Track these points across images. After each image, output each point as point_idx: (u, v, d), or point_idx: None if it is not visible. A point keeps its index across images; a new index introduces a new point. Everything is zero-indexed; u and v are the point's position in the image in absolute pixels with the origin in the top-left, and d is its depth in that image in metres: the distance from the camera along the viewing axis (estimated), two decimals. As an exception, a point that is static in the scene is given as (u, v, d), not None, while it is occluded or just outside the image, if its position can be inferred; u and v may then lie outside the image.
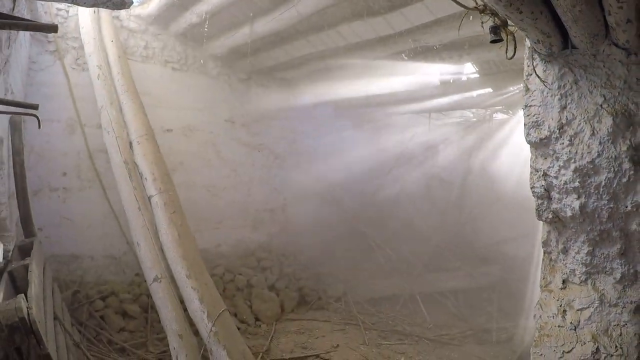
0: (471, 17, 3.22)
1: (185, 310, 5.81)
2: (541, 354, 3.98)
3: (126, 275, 7.47)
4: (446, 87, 8.79)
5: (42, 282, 5.04)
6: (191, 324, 5.73)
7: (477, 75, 8.24)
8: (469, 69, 8.28)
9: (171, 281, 5.96)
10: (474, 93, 8.87)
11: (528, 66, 3.54)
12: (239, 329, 6.53)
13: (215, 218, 8.87)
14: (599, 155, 3.24)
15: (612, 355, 3.61)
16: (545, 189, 3.62)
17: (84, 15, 7.18)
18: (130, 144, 6.73)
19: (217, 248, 8.81)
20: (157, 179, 6.46)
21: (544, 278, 4.05)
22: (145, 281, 6.12)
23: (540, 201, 3.71)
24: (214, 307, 5.67)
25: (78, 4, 4.04)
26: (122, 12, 7.70)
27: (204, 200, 8.70)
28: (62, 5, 7.16)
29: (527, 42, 3.44)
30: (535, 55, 3.46)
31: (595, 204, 3.39)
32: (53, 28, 3.40)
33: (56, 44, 7.18)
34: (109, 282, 7.23)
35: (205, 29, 7.37)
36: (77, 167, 7.25)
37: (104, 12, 7.30)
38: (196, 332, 5.70)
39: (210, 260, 8.49)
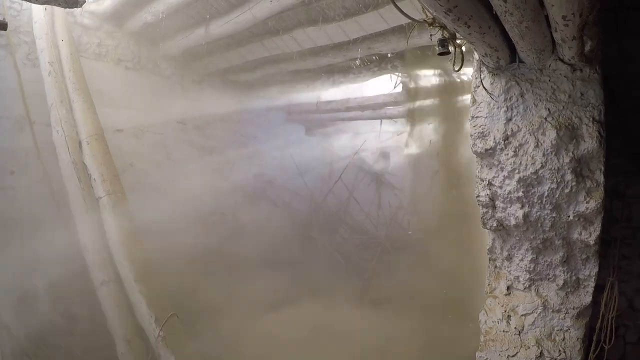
0: (431, 30, 3.28)
1: (133, 314, 5.74)
2: (486, 358, 4.06)
3: (74, 278, 7.30)
4: (399, 95, 8.87)
5: (-13, 285, 4.94)
6: (139, 328, 5.66)
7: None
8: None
9: (119, 285, 5.89)
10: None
11: (476, 78, 3.63)
12: (187, 333, 6.49)
13: (164, 221, 8.76)
14: (542, 167, 3.34)
15: (555, 359, 3.71)
16: (490, 198, 3.71)
17: (37, 9, 7.00)
18: (80, 143, 6.60)
19: (166, 251, 8.71)
20: (106, 180, 6.37)
21: (489, 284, 4.15)
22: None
23: (485, 210, 3.80)
24: (162, 311, 5.63)
25: (30, 1, 3.98)
26: (77, 8, 7.55)
27: (154, 202, 8.57)
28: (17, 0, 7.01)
29: (476, 55, 3.52)
30: (483, 68, 3.55)
31: (539, 213, 3.50)
32: (2, 26, 3.35)
33: (8, 38, 6.99)
34: (58, 285, 7.07)
35: (161, 29, 7.30)
36: (26, 166, 7.05)
37: (58, 8, 7.15)
38: (144, 337, 5.64)
39: (159, 264, 8.39)
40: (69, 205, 6.52)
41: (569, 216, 3.40)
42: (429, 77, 8.00)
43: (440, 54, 3.34)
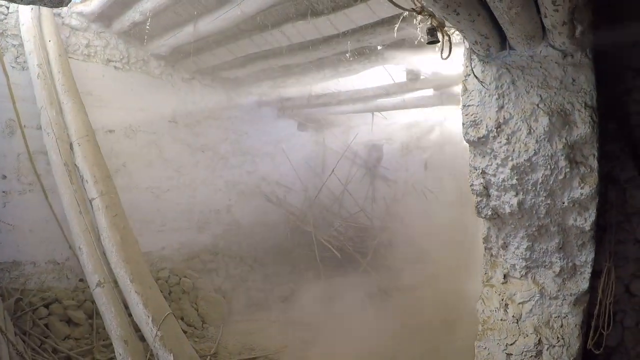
0: (418, 19, 3.26)
1: (130, 315, 5.72)
2: (485, 347, 4.07)
3: (70, 281, 7.28)
4: (390, 87, 8.84)
5: (-20, 289, 4.91)
6: (137, 329, 5.64)
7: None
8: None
9: (115, 286, 5.86)
10: (423, 92, 8.84)
11: (466, 67, 3.61)
12: (185, 332, 6.47)
13: (158, 220, 8.74)
14: (535, 154, 3.34)
15: (554, 346, 3.72)
16: (484, 187, 3.71)
17: (25, 12, 6.95)
18: (71, 145, 6.57)
19: (162, 251, 8.69)
20: (98, 182, 6.34)
21: (485, 273, 4.15)
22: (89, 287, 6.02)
23: (479, 198, 3.80)
24: (159, 311, 5.60)
25: (15, 2, 3.94)
26: (64, 9, 7.47)
27: (147, 202, 8.56)
28: (2, 2, 6.93)
29: (466, 43, 3.50)
30: (474, 56, 3.54)
31: (533, 200, 3.49)
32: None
33: (-5, 42, 6.97)
34: (53, 289, 7.02)
35: (148, 28, 7.25)
36: (17, 170, 7.01)
37: (45, 10, 7.09)
38: (142, 337, 5.62)
39: (155, 264, 8.37)
40: (62, 208, 6.49)
41: (563, 202, 3.39)
42: (421, 67, 7.95)
43: (430, 42, 3.33)
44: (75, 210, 6.24)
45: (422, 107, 9.66)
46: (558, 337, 3.72)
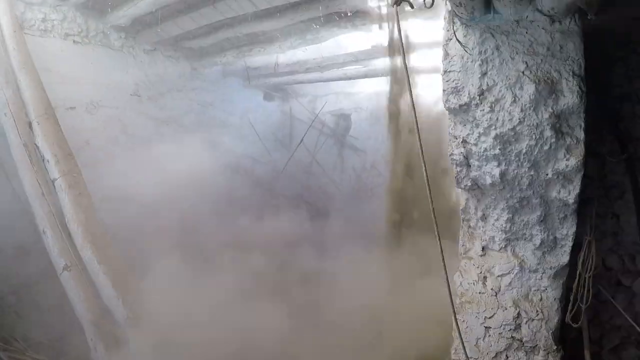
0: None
1: (99, 297, 5.61)
2: (463, 321, 4.05)
3: (39, 265, 7.09)
4: (359, 54, 8.70)
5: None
6: (107, 311, 5.53)
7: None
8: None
9: (83, 269, 5.74)
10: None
11: (448, 30, 3.47)
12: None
13: (123, 197, 8.55)
14: (520, 123, 3.24)
15: (533, 320, 3.71)
16: (464, 157, 3.62)
17: (-25, -10, 6.70)
18: (30, 124, 6.37)
19: (128, 228, 8.52)
20: (60, 161, 6.17)
21: (462, 245, 4.12)
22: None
23: (459, 169, 3.70)
24: (129, 292, 5.52)
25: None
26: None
27: (112, 179, 8.34)
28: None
29: (448, 5, 3.35)
30: (456, 20, 3.38)
31: (516, 171, 3.42)
32: None
33: (-55, 21, 6.66)
34: (21, 275, 6.85)
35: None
36: (-24, 154, 6.78)
37: (-3, -13, 6.83)
38: (113, 320, 5.52)
39: (122, 242, 8.20)
40: (23, 190, 6.28)
41: (547, 174, 3.32)
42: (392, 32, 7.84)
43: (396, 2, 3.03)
44: (38, 192, 6.08)
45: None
46: (537, 311, 3.71)
